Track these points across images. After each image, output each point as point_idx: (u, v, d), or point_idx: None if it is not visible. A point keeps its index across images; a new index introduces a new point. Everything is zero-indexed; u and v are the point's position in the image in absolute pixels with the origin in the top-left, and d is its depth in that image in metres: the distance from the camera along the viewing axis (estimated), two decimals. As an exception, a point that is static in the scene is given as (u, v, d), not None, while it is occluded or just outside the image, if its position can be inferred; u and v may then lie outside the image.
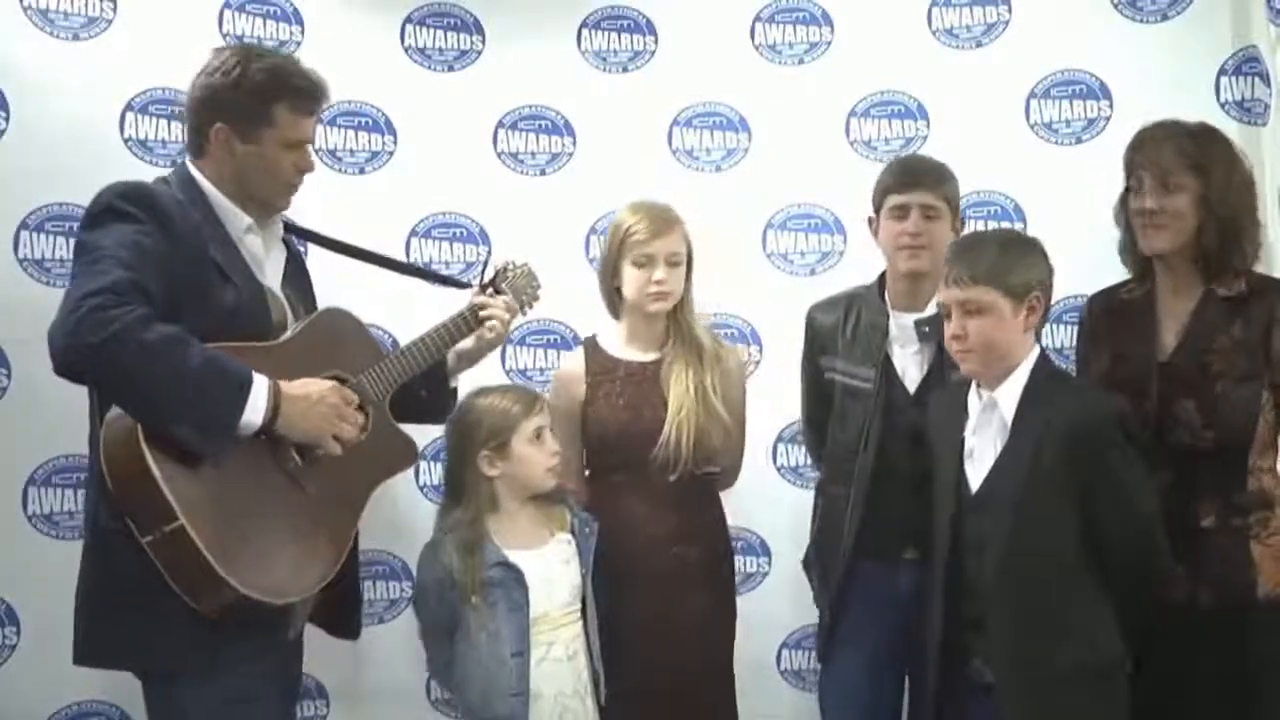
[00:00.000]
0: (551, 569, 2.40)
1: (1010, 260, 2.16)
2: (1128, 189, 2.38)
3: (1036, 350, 2.20)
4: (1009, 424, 2.15)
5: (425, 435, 2.67)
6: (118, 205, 1.96)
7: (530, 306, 2.61)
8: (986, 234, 2.47)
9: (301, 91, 2.16)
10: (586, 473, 2.64)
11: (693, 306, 2.59)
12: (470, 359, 2.47)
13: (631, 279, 2.51)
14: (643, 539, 2.50)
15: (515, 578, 2.35)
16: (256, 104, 2.12)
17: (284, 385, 1.97)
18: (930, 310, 2.45)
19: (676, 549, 2.51)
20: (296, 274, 2.30)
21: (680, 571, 2.51)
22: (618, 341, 2.61)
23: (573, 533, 2.47)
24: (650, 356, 2.57)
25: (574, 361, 2.64)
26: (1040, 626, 2.11)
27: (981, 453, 2.19)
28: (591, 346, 2.62)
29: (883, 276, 2.55)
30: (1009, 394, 2.16)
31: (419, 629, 2.47)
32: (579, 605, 2.44)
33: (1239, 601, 2.20)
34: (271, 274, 2.18)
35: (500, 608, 2.33)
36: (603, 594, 2.46)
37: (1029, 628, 2.11)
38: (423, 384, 2.35)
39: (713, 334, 2.65)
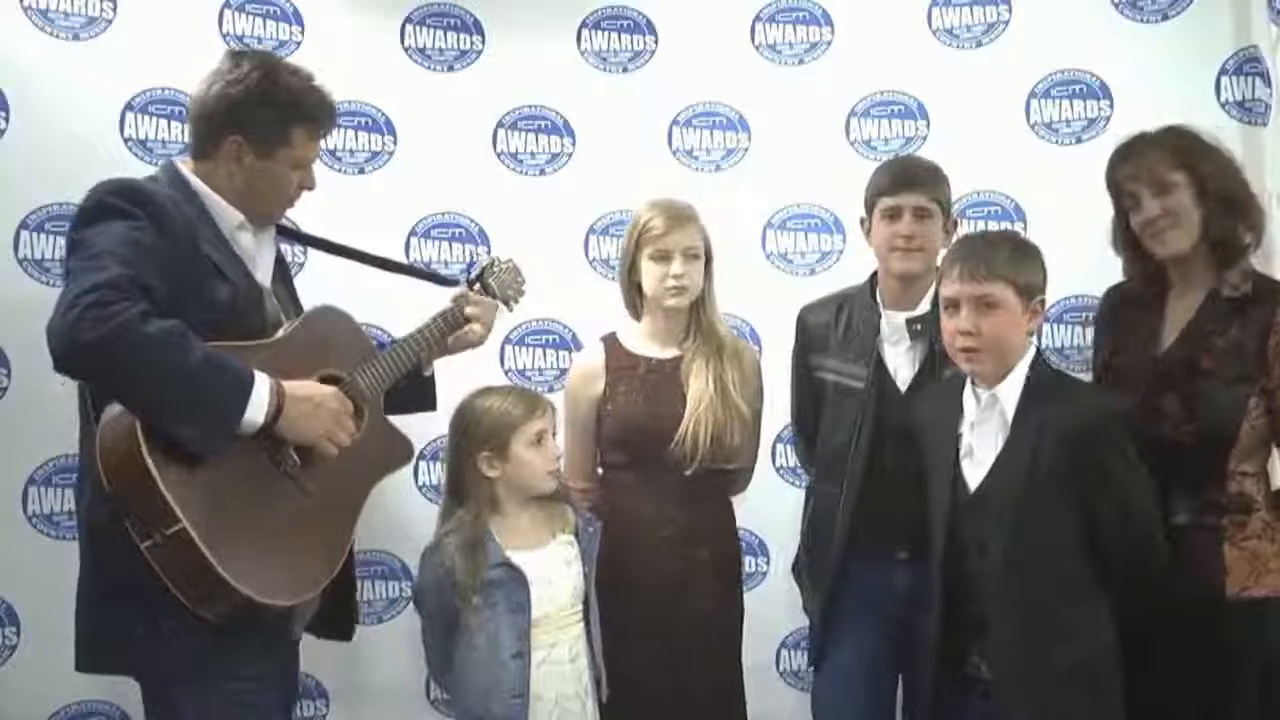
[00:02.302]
0: (553, 570, 2.40)
1: (1023, 260, 2.18)
2: (1122, 210, 2.37)
3: (1033, 349, 2.21)
4: (1010, 421, 2.15)
5: (424, 435, 2.67)
6: (111, 202, 1.95)
7: (516, 302, 2.61)
8: (995, 233, 2.48)
9: (321, 116, 2.17)
10: (600, 470, 2.64)
11: (714, 303, 2.59)
12: (450, 350, 2.46)
13: (649, 273, 2.52)
14: (654, 538, 2.50)
15: (517, 579, 2.34)
16: (277, 123, 2.11)
17: (288, 385, 1.97)
18: (922, 309, 2.45)
19: (687, 549, 2.51)
20: (282, 275, 2.30)
21: (690, 571, 2.51)
22: (638, 338, 2.61)
23: (576, 534, 2.47)
24: (670, 353, 2.57)
25: (593, 357, 2.64)
26: (1041, 625, 2.10)
27: (981, 451, 2.19)
28: (611, 342, 2.62)
29: (874, 276, 2.55)
30: (1010, 391, 2.16)
31: (421, 629, 2.47)
32: (581, 607, 2.43)
33: (1208, 599, 2.19)
34: (263, 272, 2.18)
35: (501, 609, 2.33)
36: (612, 593, 2.46)
37: (1030, 626, 2.10)
38: (404, 376, 2.34)
39: (733, 332, 2.67)
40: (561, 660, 2.37)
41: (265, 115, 2.09)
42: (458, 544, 2.35)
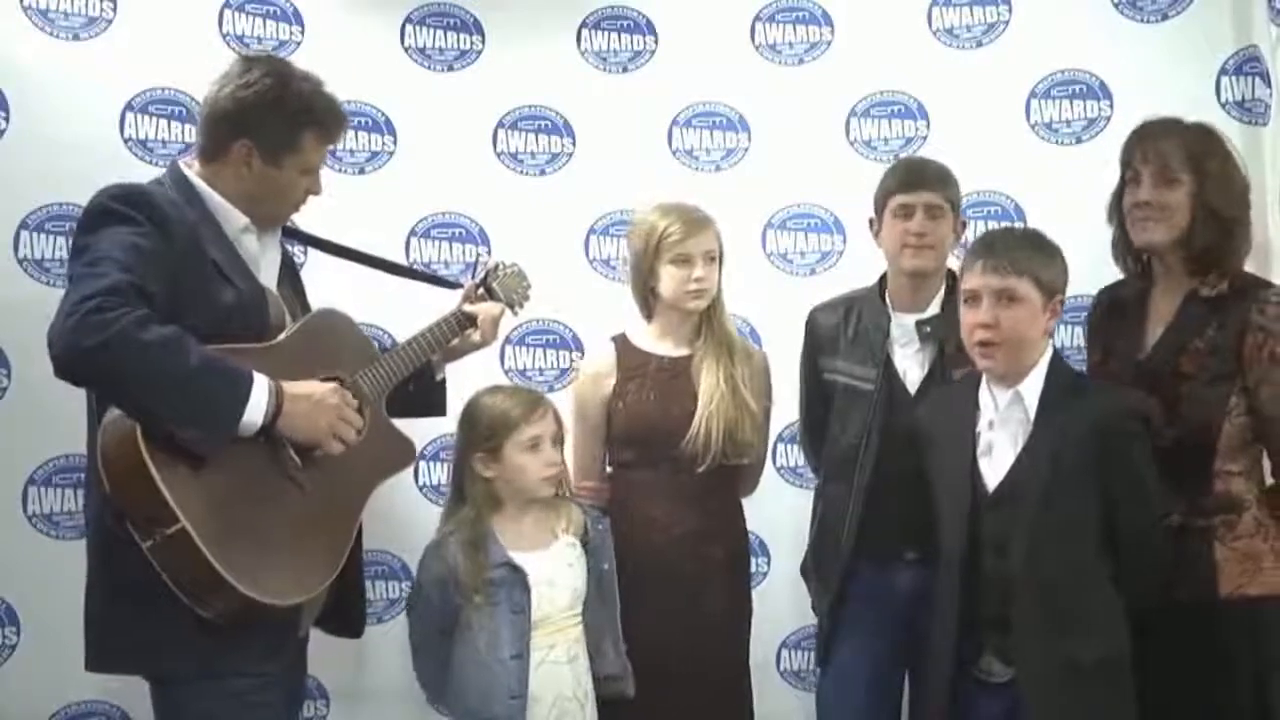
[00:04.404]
0: (555, 572, 2.39)
1: (1046, 257, 2.20)
2: (1123, 184, 2.38)
3: (1051, 349, 2.22)
4: (1032, 419, 2.15)
5: (425, 436, 2.67)
6: (113, 207, 1.95)
7: (521, 306, 2.62)
8: (1020, 229, 2.52)
9: (331, 122, 2.18)
10: (609, 470, 2.64)
11: (724, 303, 2.60)
12: (454, 354, 2.48)
13: (670, 278, 2.52)
14: (666, 536, 2.51)
15: (519, 580, 2.34)
16: (288, 129, 2.11)
17: (286, 385, 1.97)
18: (931, 311, 2.46)
19: (700, 546, 2.51)
20: (290, 276, 2.31)
21: (703, 570, 2.51)
22: (649, 339, 2.62)
23: (586, 533, 2.46)
24: (682, 352, 2.58)
25: (603, 356, 2.64)
26: (1064, 621, 2.10)
27: (1001, 449, 2.19)
28: (622, 342, 2.63)
29: (883, 278, 2.56)
30: (1032, 388, 2.16)
31: (410, 630, 2.46)
32: (580, 608, 2.42)
33: (1201, 601, 2.20)
34: (268, 274, 2.18)
35: (502, 609, 2.32)
36: (624, 591, 2.47)
37: (1054, 622, 2.10)
38: (409, 379, 2.35)
39: (739, 333, 2.69)
40: (560, 661, 2.36)
41: (276, 121, 2.10)
42: (460, 542, 2.35)
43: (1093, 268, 2.53)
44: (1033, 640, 2.12)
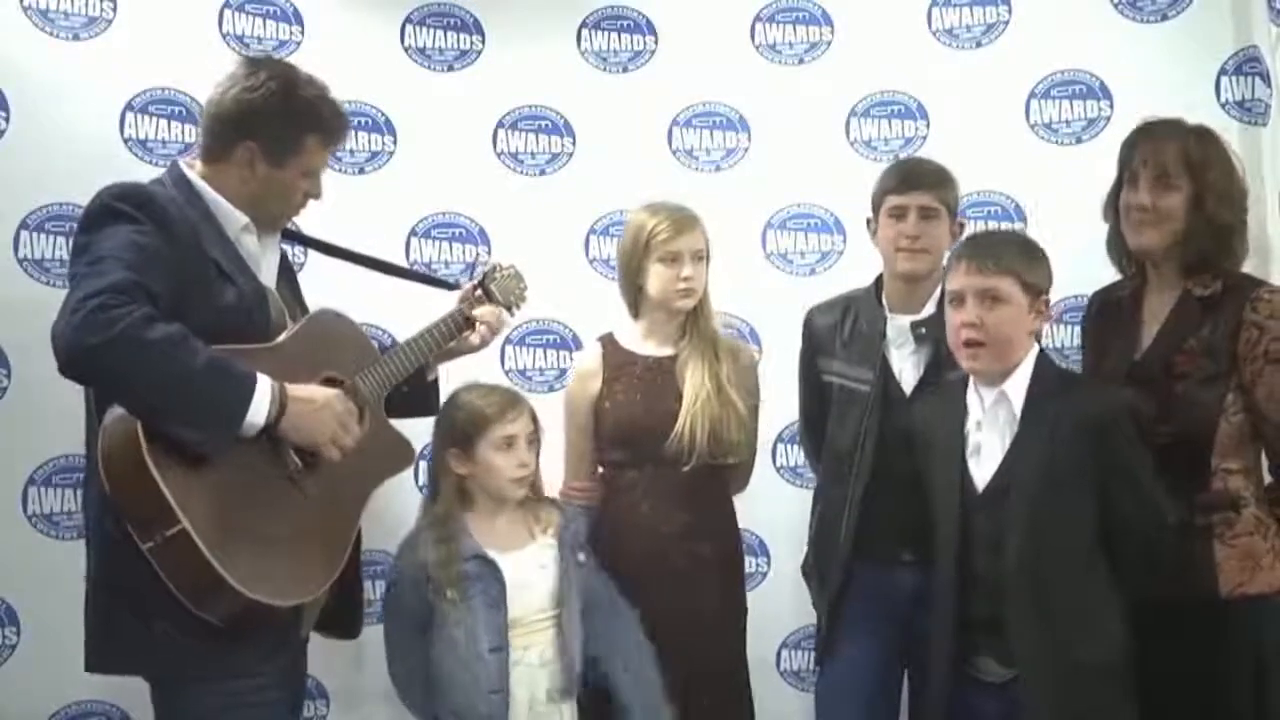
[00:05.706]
0: (529, 573, 2.38)
1: (1030, 258, 2.20)
2: (1119, 183, 2.37)
3: (1036, 348, 2.22)
4: (1018, 417, 2.15)
5: (424, 437, 2.67)
6: (115, 206, 1.96)
7: (518, 308, 2.62)
8: (1003, 231, 2.52)
9: (334, 126, 2.19)
10: (599, 470, 2.64)
11: (710, 302, 2.60)
12: (449, 356, 2.49)
13: (658, 277, 2.53)
14: (656, 536, 2.51)
15: (492, 573, 2.33)
16: (292, 131, 2.12)
17: (290, 388, 1.97)
18: (927, 312, 2.46)
19: (689, 544, 2.52)
20: (287, 277, 2.31)
21: (694, 568, 2.52)
22: (635, 338, 2.63)
23: (561, 533, 2.46)
24: (667, 351, 2.59)
25: (590, 357, 2.65)
26: (1061, 619, 2.10)
27: (989, 448, 2.19)
28: (608, 342, 2.64)
29: (879, 279, 2.56)
30: (1017, 387, 2.17)
31: (386, 629, 2.45)
32: (556, 611, 2.41)
33: (1201, 600, 2.19)
34: (267, 275, 2.19)
35: (477, 603, 2.32)
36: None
37: (1050, 621, 2.10)
38: (404, 380, 2.35)
39: (730, 332, 2.70)
40: (533, 664, 2.36)
41: (281, 124, 2.11)
42: (433, 537, 2.35)
43: (1093, 268, 2.53)
44: (1029, 639, 2.11)
